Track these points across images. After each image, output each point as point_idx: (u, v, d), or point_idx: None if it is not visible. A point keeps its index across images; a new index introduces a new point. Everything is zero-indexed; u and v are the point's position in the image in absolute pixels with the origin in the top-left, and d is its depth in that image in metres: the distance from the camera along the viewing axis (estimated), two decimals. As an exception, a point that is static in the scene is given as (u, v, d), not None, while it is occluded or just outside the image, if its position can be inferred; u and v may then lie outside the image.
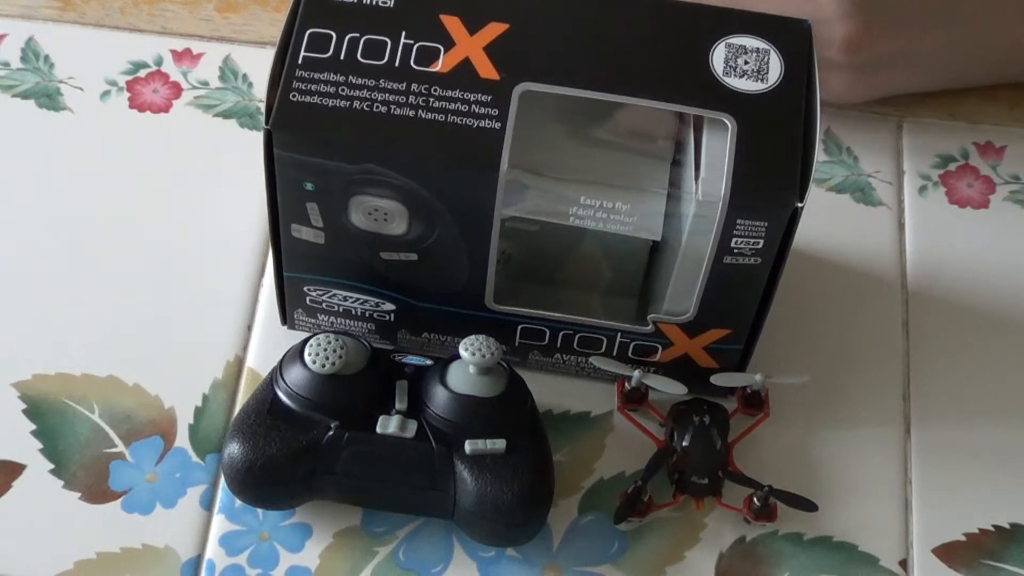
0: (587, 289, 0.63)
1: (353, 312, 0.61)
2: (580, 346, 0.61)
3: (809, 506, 0.59)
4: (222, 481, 0.59)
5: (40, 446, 0.61)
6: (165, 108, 0.71)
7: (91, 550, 0.58)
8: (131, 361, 0.63)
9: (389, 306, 0.60)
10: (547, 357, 0.62)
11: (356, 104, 0.53)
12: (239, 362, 0.63)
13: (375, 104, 0.53)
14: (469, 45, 0.54)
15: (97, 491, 0.60)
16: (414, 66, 0.54)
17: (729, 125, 0.53)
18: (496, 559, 0.59)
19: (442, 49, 0.54)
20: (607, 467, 0.61)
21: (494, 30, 0.54)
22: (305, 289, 0.60)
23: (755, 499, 0.59)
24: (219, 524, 0.59)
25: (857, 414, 0.63)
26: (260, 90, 0.71)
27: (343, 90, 0.53)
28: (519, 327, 0.60)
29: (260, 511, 0.59)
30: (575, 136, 0.57)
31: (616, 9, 0.55)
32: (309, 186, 0.54)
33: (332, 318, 0.61)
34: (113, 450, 0.61)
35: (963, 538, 0.60)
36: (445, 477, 0.56)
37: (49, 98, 0.71)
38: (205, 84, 0.72)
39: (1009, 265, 0.68)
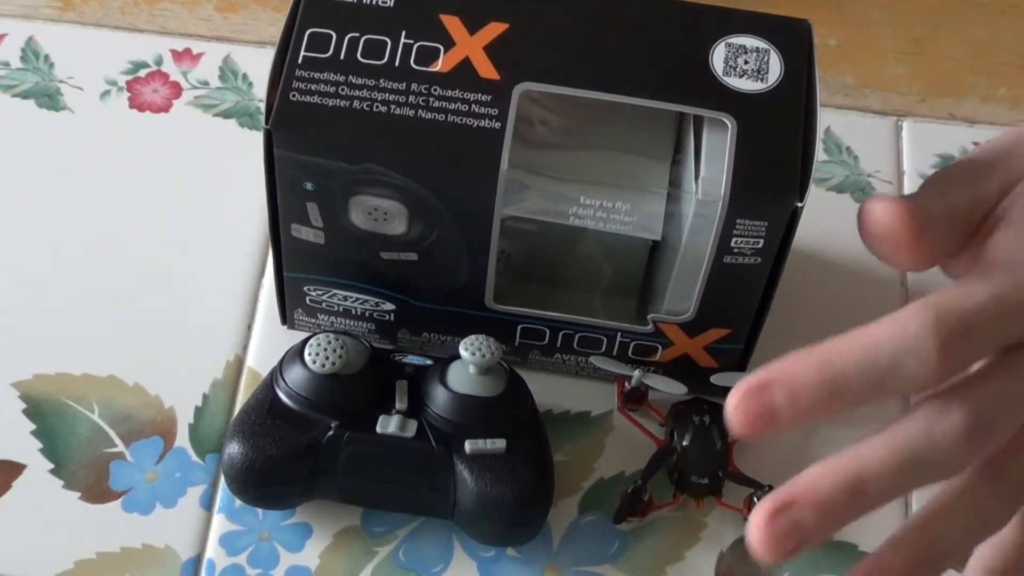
0: (587, 289, 0.63)
1: (353, 312, 0.61)
2: (580, 346, 0.61)
3: None
4: (222, 481, 0.59)
5: (40, 446, 0.61)
6: (165, 108, 0.71)
7: (91, 550, 0.58)
8: (131, 361, 0.63)
9: (389, 306, 0.60)
10: (547, 357, 0.62)
11: (356, 104, 0.53)
12: (239, 362, 0.63)
13: (375, 104, 0.53)
14: (469, 45, 0.54)
15: (97, 491, 0.60)
16: (414, 66, 0.54)
17: (729, 125, 0.53)
18: (496, 559, 0.59)
19: (442, 49, 0.54)
20: (607, 467, 0.61)
21: (494, 30, 0.54)
22: (305, 289, 0.60)
23: (755, 499, 0.59)
24: (219, 524, 0.59)
25: (857, 413, 0.63)
26: (260, 90, 0.71)
27: (343, 90, 0.53)
28: (519, 327, 0.60)
29: (260, 511, 0.59)
30: (575, 136, 0.57)
31: (616, 9, 0.55)
32: (309, 186, 0.54)
33: (332, 318, 0.61)
34: (113, 450, 0.61)
35: (963, 538, 0.60)
36: (445, 477, 0.56)
37: (49, 98, 0.71)
38: (205, 84, 0.72)
39: (1009, 265, 0.68)
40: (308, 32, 0.54)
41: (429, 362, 0.59)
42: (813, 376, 0.49)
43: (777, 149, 0.53)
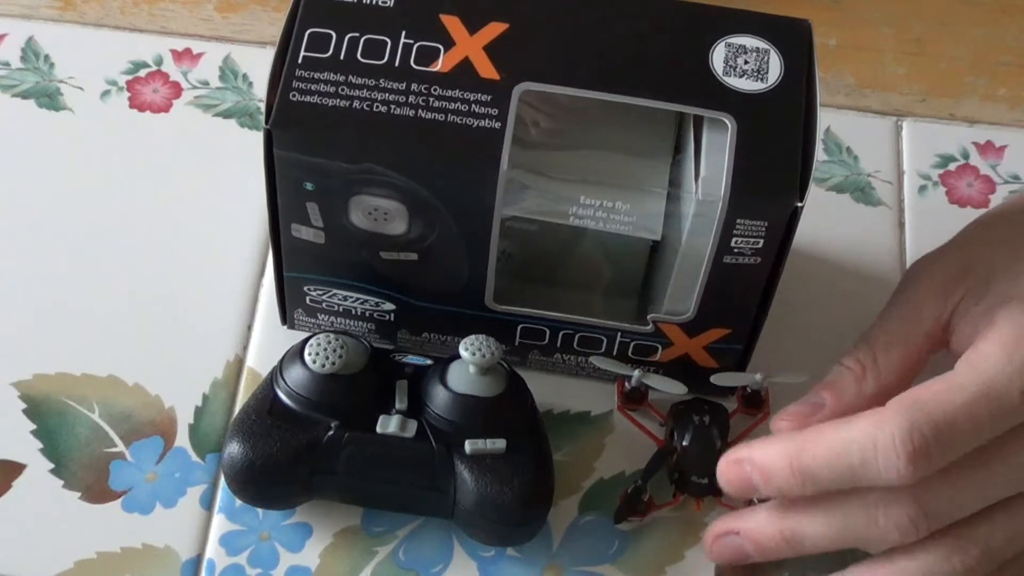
0: (587, 289, 0.63)
1: (353, 312, 0.61)
2: (580, 346, 0.61)
3: None
4: (222, 481, 0.59)
5: (40, 446, 0.61)
6: (165, 108, 0.71)
7: (91, 550, 0.58)
8: (131, 361, 0.63)
9: (389, 306, 0.60)
10: (547, 357, 0.62)
11: (356, 104, 0.53)
12: (239, 362, 0.63)
13: (375, 104, 0.53)
14: (469, 45, 0.54)
15: (97, 491, 0.60)
16: (414, 66, 0.54)
17: (729, 125, 0.53)
18: (496, 559, 0.59)
19: (442, 49, 0.54)
20: (607, 467, 0.61)
21: (494, 30, 0.54)
22: (305, 289, 0.60)
23: (756, 499, 0.59)
24: (219, 524, 0.59)
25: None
26: (260, 90, 0.71)
27: (343, 90, 0.53)
28: (519, 327, 0.60)
29: (260, 511, 0.59)
30: (574, 136, 0.57)
31: (616, 9, 0.55)
32: (309, 186, 0.54)
33: (332, 318, 0.61)
34: (113, 450, 0.61)
35: (963, 538, 0.60)
36: (445, 477, 0.56)
37: (49, 98, 0.71)
38: (205, 84, 0.72)
39: (1009, 265, 0.68)
40: (308, 32, 0.54)
41: (429, 362, 0.59)
42: (784, 464, 0.52)
43: (777, 149, 0.53)
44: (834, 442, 0.51)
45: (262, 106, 0.62)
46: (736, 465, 0.54)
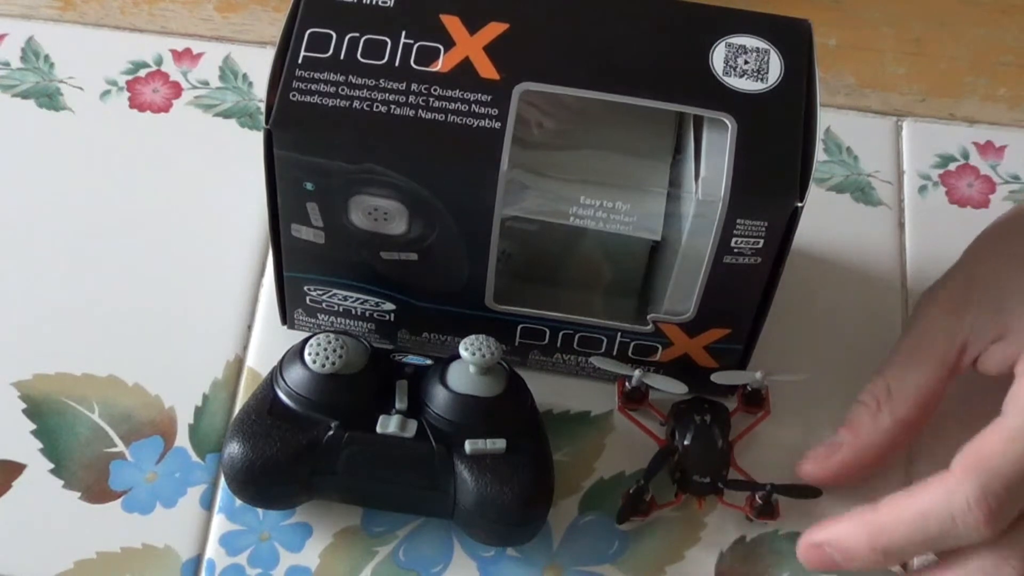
0: (587, 289, 0.63)
1: (353, 312, 0.61)
2: (580, 346, 0.61)
3: (813, 493, 0.59)
4: (222, 481, 0.59)
5: (40, 446, 0.61)
6: (165, 108, 0.71)
7: (91, 550, 0.58)
8: (131, 361, 0.63)
9: (389, 306, 0.60)
10: (547, 357, 0.62)
11: (356, 104, 0.53)
12: (239, 362, 0.63)
13: (375, 104, 0.53)
14: (469, 45, 0.54)
15: (97, 491, 0.60)
16: (414, 66, 0.54)
17: (729, 125, 0.53)
18: (496, 559, 0.59)
19: (442, 49, 0.54)
20: (607, 467, 0.61)
21: (494, 30, 0.54)
22: (305, 289, 0.60)
23: (757, 497, 0.59)
24: (219, 524, 0.59)
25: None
26: (260, 90, 0.71)
27: (343, 90, 0.53)
28: (519, 327, 0.60)
29: (260, 511, 0.59)
30: (574, 137, 0.57)
31: (616, 9, 0.55)
32: (309, 186, 0.54)
33: (332, 318, 0.61)
34: (113, 450, 0.61)
35: (963, 538, 0.60)
36: (445, 477, 0.56)
37: (49, 98, 0.71)
38: (205, 84, 0.72)
39: (1009, 265, 0.68)
40: (308, 32, 0.54)
41: (429, 362, 0.59)
42: (865, 545, 0.54)
43: (777, 149, 0.53)
44: (910, 517, 0.53)
45: (262, 106, 0.62)
46: (817, 549, 0.56)
